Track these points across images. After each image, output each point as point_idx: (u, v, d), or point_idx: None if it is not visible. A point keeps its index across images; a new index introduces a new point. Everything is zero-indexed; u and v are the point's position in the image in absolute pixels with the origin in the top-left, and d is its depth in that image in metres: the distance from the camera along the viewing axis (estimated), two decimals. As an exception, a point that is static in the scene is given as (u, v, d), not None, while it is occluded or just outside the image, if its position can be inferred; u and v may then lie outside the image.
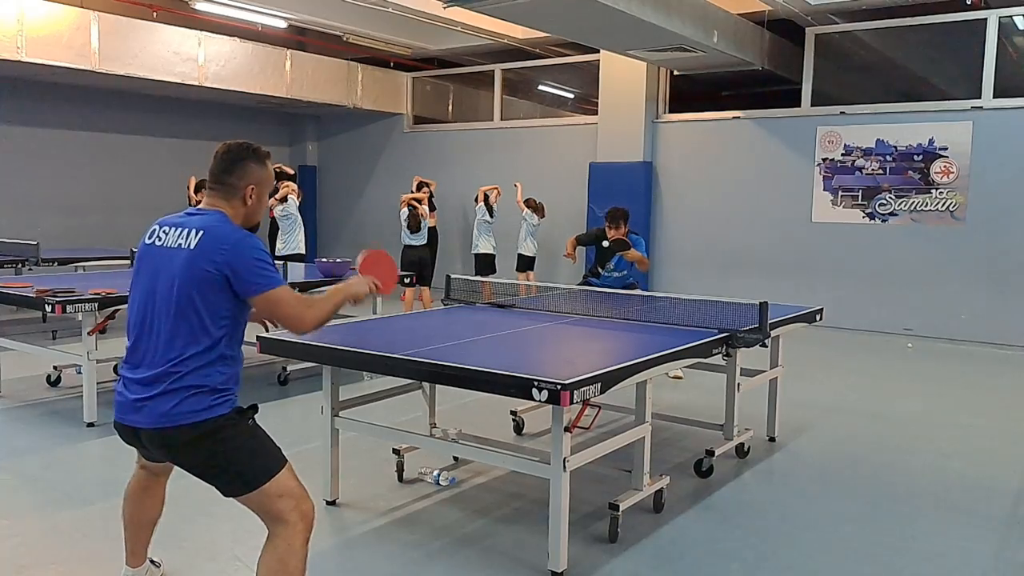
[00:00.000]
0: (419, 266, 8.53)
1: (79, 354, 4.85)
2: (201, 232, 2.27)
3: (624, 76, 10.29)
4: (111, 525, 3.40)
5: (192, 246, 2.25)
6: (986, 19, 8.49)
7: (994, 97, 8.51)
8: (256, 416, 2.39)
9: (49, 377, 5.83)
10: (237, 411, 2.31)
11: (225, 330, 2.27)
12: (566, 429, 2.89)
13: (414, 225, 8.74)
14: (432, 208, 9.43)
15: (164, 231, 2.35)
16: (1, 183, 10.42)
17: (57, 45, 8.88)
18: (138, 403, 2.26)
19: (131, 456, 4.31)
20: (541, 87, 12.74)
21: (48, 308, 4.57)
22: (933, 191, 8.81)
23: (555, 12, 7.08)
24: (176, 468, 2.46)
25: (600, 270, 6.25)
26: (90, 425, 4.78)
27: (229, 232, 2.28)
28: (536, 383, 2.70)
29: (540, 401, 2.72)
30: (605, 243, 5.99)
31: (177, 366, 2.22)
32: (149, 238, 2.38)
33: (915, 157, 8.91)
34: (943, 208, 8.77)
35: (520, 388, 2.76)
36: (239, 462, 2.27)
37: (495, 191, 10.03)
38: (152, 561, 2.82)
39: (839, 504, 3.84)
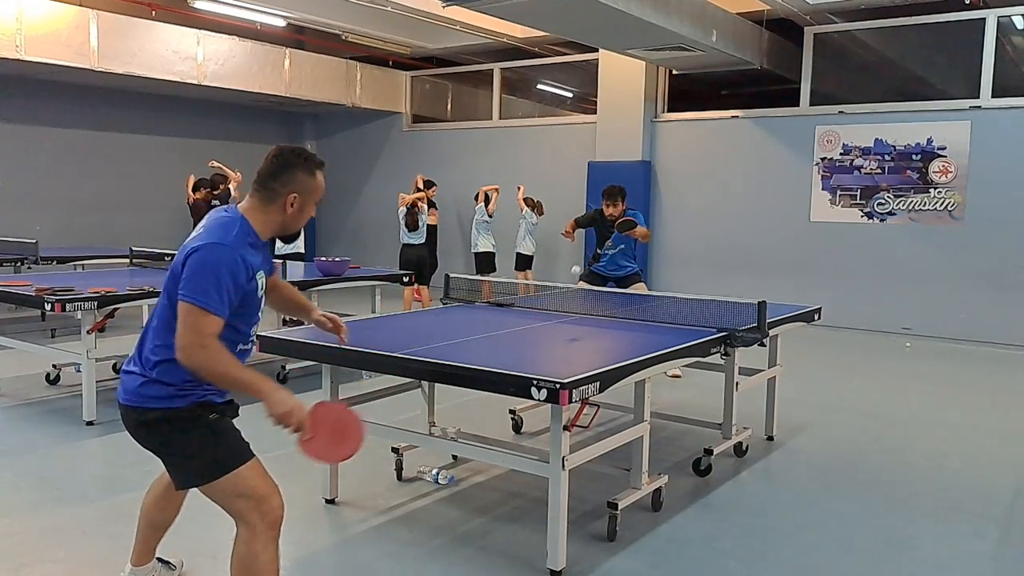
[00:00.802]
0: (417, 265, 8.53)
1: (78, 352, 4.84)
2: (200, 230, 2.29)
3: (623, 75, 10.30)
4: (110, 523, 3.41)
5: (188, 240, 2.30)
6: (984, 19, 8.50)
7: (992, 97, 8.52)
8: (232, 415, 2.38)
9: (48, 375, 5.83)
10: (200, 406, 2.29)
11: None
12: (565, 428, 2.90)
13: (412, 224, 8.74)
14: (433, 206, 9.44)
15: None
16: (0, 181, 10.41)
17: (56, 43, 8.87)
18: (123, 375, 2.35)
19: (130, 453, 4.32)
20: (540, 86, 12.74)
21: (47, 307, 4.57)
22: (932, 190, 8.83)
23: (554, 11, 7.08)
24: None
25: (599, 251, 6.30)
26: (89, 423, 4.78)
27: (212, 235, 2.22)
28: (535, 382, 2.71)
29: (539, 400, 2.72)
30: (613, 228, 6.06)
31: (152, 353, 2.27)
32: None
33: (914, 156, 8.92)
34: (941, 207, 8.79)
35: (519, 387, 2.77)
36: (188, 454, 2.29)
37: (495, 192, 10.05)
38: (163, 560, 2.82)
39: (837, 503, 3.85)
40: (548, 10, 7.06)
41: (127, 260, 7.40)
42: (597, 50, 10.21)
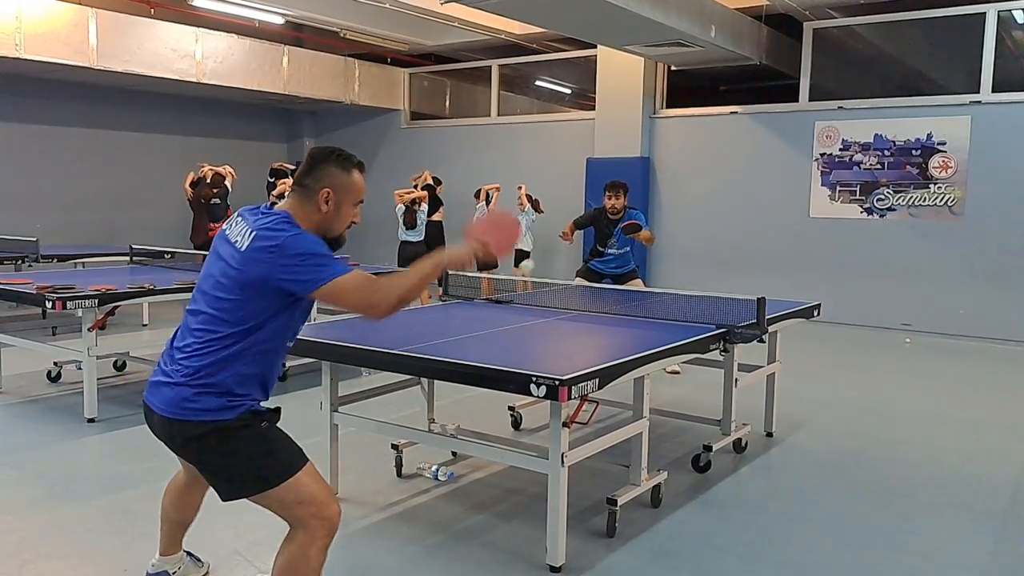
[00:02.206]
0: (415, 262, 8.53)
1: (79, 350, 4.86)
2: (254, 234, 2.19)
3: (621, 71, 10.29)
4: (112, 520, 3.42)
5: (243, 246, 2.19)
6: (985, 13, 8.49)
7: (993, 91, 8.51)
8: (278, 419, 2.31)
9: (49, 373, 5.84)
10: (251, 415, 2.23)
11: (253, 334, 2.19)
12: (564, 424, 2.91)
13: (411, 222, 8.74)
14: (440, 204, 9.47)
15: (236, 220, 2.31)
16: (1, 180, 10.41)
17: (55, 42, 8.86)
18: (158, 384, 2.24)
19: (131, 450, 4.35)
20: (538, 82, 12.72)
21: (48, 304, 4.58)
22: (931, 186, 8.83)
23: (552, 7, 7.08)
24: None
25: (601, 248, 6.31)
26: (90, 421, 4.79)
27: (278, 233, 2.17)
28: (534, 379, 2.72)
29: (538, 397, 2.73)
30: (614, 226, 6.11)
31: (194, 358, 2.19)
32: (226, 226, 2.34)
33: (913, 152, 8.91)
34: (941, 203, 8.79)
35: (518, 384, 2.77)
36: (244, 467, 2.22)
37: (496, 191, 10.06)
38: (191, 554, 2.84)
39: (836, 499, 3.86)
40: (546, 6, 7.06)
41: (127, 258, 7.41)
42: (595, 46, 10.19)
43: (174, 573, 2.77)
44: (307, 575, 2.23)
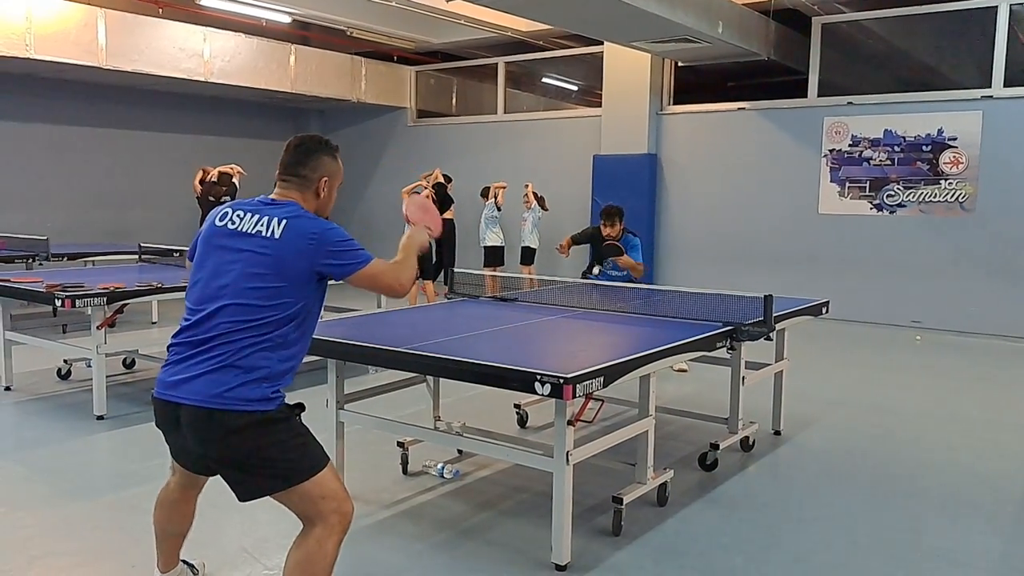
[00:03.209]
0: (422, 259, 8.54)
1: (88, 348, 4.89)
2: (285, 222, 2.26)
3: (628, 68, 10.25)
4: (121, 517, 3.44)
5: (277, 235, 2.24)
6: (996, 7, 8.41)
7: (1004, 86, 8.43)
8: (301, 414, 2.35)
9: (59, 370, 5.88)
10: (287, 407, 2.28)
11: (293, 320, 2.24)
12: (569, 423, 2.90)
13: None
14: (451, 202, 9.49)
15: (239, 215, 2.32)
16: (11, 179, 10.49)
17: (65, 42, 8.92)
18: (185, 379, 2.19)
19: (140, 447, 4.37)
20: (545, 80, 12.70)
21: (58, 302, 4.61)
22: (942, 182, 8.75)
23: (558, 4, 7.06)
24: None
25: (597, 268, 6.23)
26: (99, 418, 4.83)
27: (312, 222, 2.31)
28: (539, 377, 2.71)
29: (542, 395, 2.73)
30: (603, 247, 5.96)
31: (238, 347, 2.18)
32: (220, 220, 2.35)
33: (924, 147, 8.85)
34: (952, 199, 8.72)
35: (522, 382, 2.77)
36: (280, 460, 2.22)
37: (502, 189, 10.07)
38: (187, 563, 2.81)
39: (845, 498, 3.84)
40: (552, 3, 7.05)
41: (136, 256, 7.45)
42: (602, 43, 10.16)
43: None
44: (323, 569, 2.25)
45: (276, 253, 2.23)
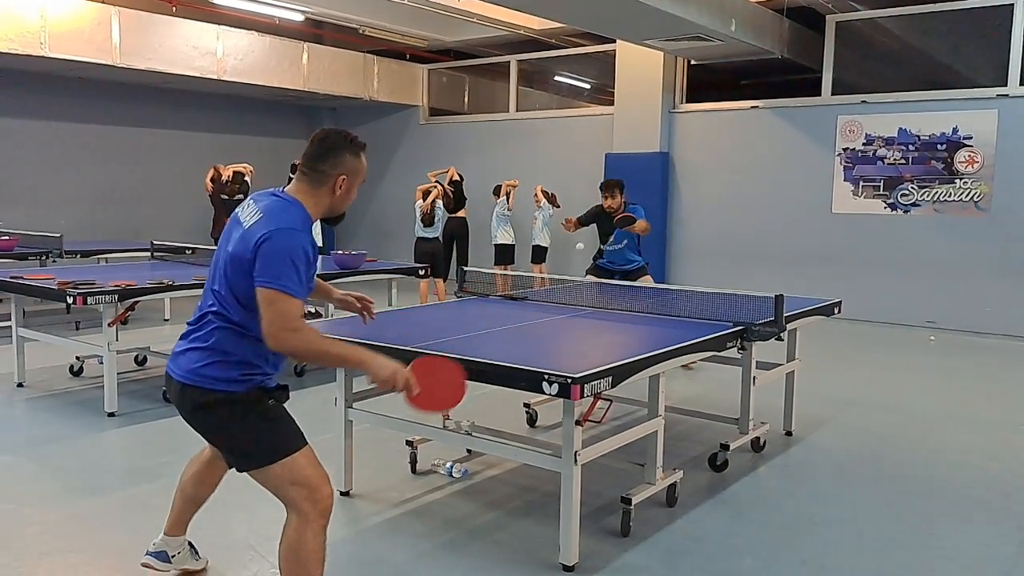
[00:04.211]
0: (432, 258, 8.55)
1: (100, 345, 4.91)
2: (259, 215, 2.28)
3: (641, 66, 10.21)
4: (130, 514, 3.46)
5: (247, 225, 2.27)
6: (1013, 4, 8.30)
7: (1021, 84, 8.32)
8: (285, 399, 2.41)
9: (72, 367, 5.93)
10: (259, 391, 2.33)
11: (252, 308, 2.24)
12: (577, 422, 2.89)
13: (428, 219, 8.76)
14: (465, 200, 9.52)
15: (248, 203, 2.39)
16: (26, 177, 10.58)
17: (79, 40, 8.99)
18: (178, 353, 2.36)
19: (150, 444, 4.39)
20: (557, 78, 12.68)
21: (69, 299, 4.64)
22: (957, 181, 8.66)
23: (571, 1, 7.03)
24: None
25: (603, 247, 6.29)
26: (111, 415, 4.85)
27: (278, 220, 2.23)
28: (546, 376, 2.70)
29: (550, 394, 2.71)
30: (614, 222, 6.03)
31: (212, 330, 2.29)
32: (238, 209, 2.42)
33: (938, 146, 8.75)
34: (967, 198, 8.62)
35: (530, 381, 2.76)
36: (245, 440, 2.32)
37: (513, 187, 10.07)
38: (192, 545, 2.88)
39: (856, 500, 3.80)
40: (565, 1, 7.02)
41: (148, 254, 7.49)
42: (614, 41, 10.13)
43: (174, 556, 2.82)
44: (308, 556, 2.29)
45: (243, 242, 2.24)
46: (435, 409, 2.50)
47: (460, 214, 9.56)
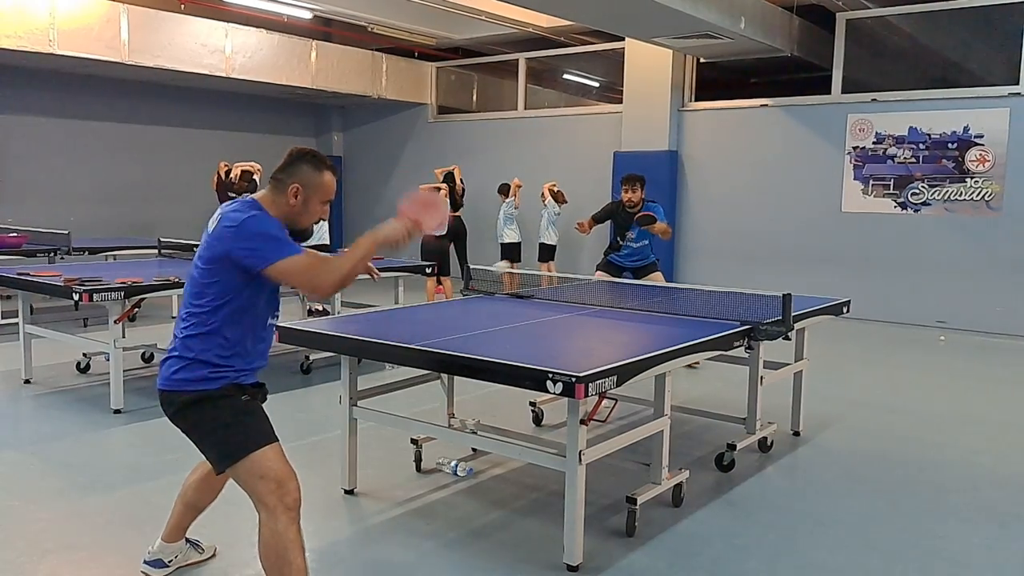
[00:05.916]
0: (440, 256, 8.53)
1: (106, 342, 4.92)
2: (220, 216, 2.40)
3: (649, 64, 10.17)
4: (135, 512, 3.46)
5: (210, 229, 2.41)
6: (1025, 2, 8.23)
7: (1033, 83, 8.25)
8: (262, 399, 2.52)
9: (79, 364, 5.94)
10: (233, 387, 2.40)
11: (223, 309, 2.36)
12: (582, 422, 2.86)
13: None
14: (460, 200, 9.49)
15: (214, 215, 2.48)
16: (34, 174, 10.64)
17: (88, 38, 9.02)
18: (162, 361, 2.48)
19: (156, 442, 4.40)
20: (565, 76, 12.64)
21: (75, 296, 4.65)
22: (968, 180, 8.58)
23: (579, -1, 7.00)
24: None
25: (620, 242, 6.25)
26: (117, 412, 4.86)
27: (238, 215, 2.36)
28: (551, 375, 2.68)
29: (555, 394, 2.69)
30: (633, 218, 6.01)
31: (183, 335, 2.40)
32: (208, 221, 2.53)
33: (949, 145, 8.68)
34: (978, 197, 8.54)
35: (534, 380, 2.73)
36: (216, 433, 2.39)
37: (518, 187, 10.05)
38: (191, 541, 2.91)
39: (864, 501, 3.76)
40: (573, -2, 6.98)
41: (156, 251, 7.51)
42: (623, 39, 10.08)
43: (170, 562, 2.83)
44: (283, 550, 2.31)
45: (207, 244, 2.37)
46: (435, 228, 2.64)
47: (458, 213, 9.53)
